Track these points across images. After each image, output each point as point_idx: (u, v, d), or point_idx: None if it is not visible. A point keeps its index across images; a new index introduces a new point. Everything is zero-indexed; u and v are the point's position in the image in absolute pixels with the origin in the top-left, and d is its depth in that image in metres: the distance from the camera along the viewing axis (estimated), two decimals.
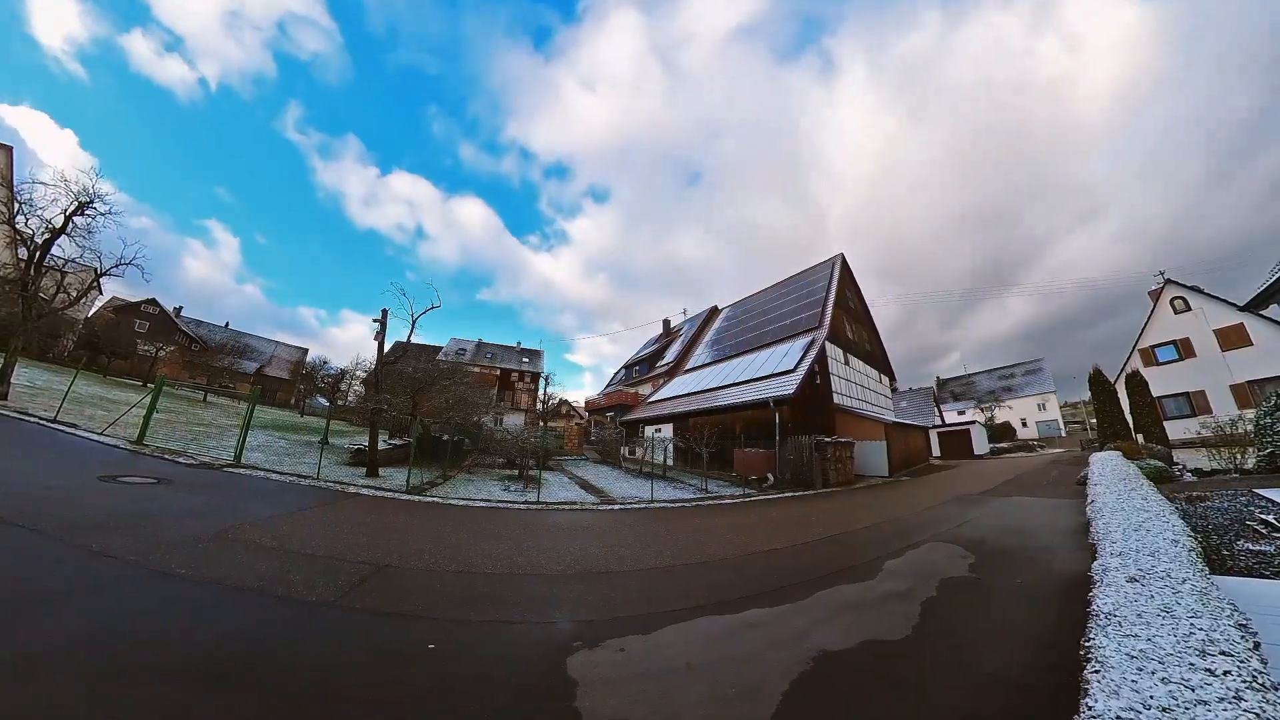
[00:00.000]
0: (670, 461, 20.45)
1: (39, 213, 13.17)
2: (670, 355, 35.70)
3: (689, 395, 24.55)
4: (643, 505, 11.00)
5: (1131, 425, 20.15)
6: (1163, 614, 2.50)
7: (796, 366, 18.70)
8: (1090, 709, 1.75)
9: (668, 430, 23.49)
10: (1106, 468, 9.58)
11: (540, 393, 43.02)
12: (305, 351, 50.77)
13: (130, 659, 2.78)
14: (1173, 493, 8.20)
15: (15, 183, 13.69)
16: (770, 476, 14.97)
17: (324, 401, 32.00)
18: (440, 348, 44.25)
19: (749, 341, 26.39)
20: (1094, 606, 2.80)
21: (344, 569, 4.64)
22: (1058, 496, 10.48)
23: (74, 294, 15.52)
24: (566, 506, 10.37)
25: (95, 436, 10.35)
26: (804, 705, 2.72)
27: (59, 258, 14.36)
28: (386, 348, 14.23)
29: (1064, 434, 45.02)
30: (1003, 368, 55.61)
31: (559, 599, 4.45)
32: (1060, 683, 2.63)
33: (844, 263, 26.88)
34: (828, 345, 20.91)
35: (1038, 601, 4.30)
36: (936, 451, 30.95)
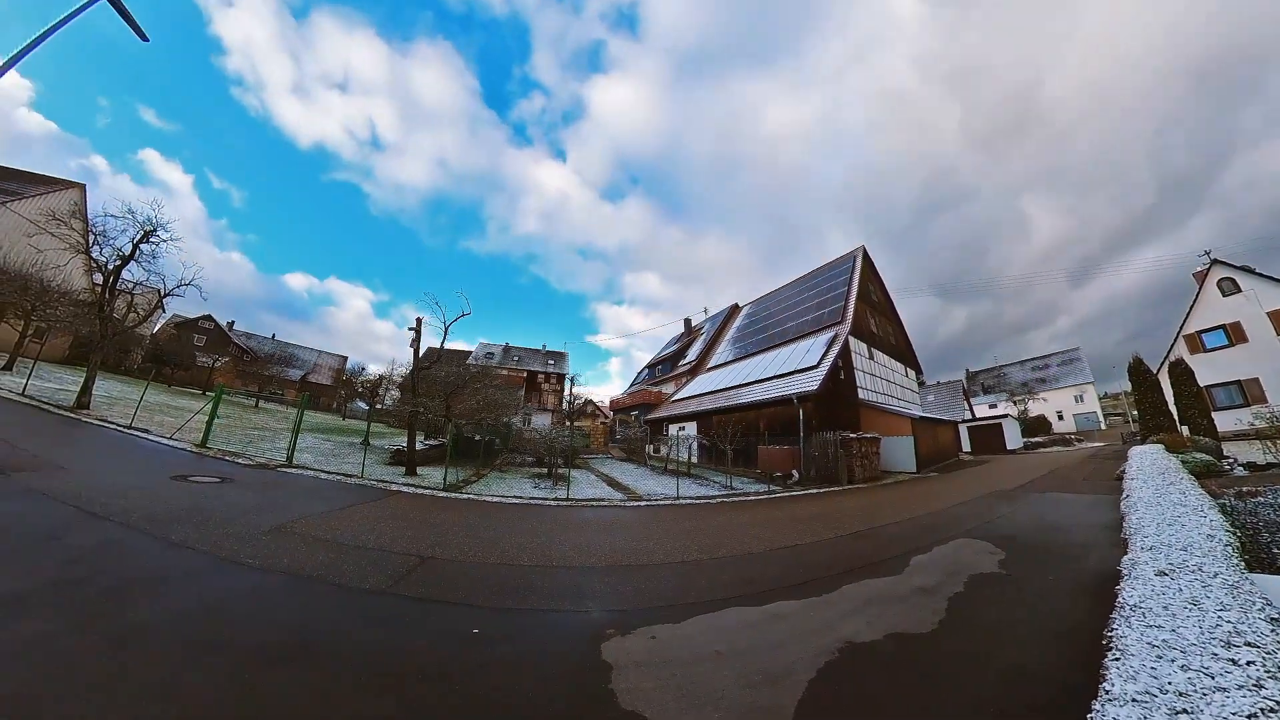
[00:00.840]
0: (695, 459, 20.52)
1: (111, 243, 14.53)
2: (692, 354, 35.68)
3: (712, 393, 24.51)
4: (669, 502, 11.12)
5: (1176, 417, 19.08)
6: (1190, 606, 2.49)
7: (819, 362, 18.48)
8: (1107, 692, 1.79)
9: (691, 428, 23.54)
10: (1145, 461, 9.19)
11: (565, 393, 43.60)
12: (345, 359, 53.08)
13: (216, 635, 3.09)
14: (1220, 488, 7.82)
15: (89, 216, 14.94)
16: (795, 473, 14.86)
17: (363, 405, 33.27)
18: (470, 352, 45.41)
19: (771, 338, 26.16)
20: (1120, 599, 2.79)
21: (392, 560, 4.94)
22: (1095, 492, 10.09)
23: (142, 313, 16.76)
24: (595, 503, 10.59)
25: (165, 441, 11.12)
26: (830, 691, 2.79)
27: (128, 281, 15.66)
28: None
29: (1103, 426, 42.83)
30: (1036, 358, 52.90)
31: (592, 590, 4.63)
32: (1086, 676, 2.64)
33: (866, 255, 26.30)
34: (851, 340, 20.55)
35: (1069, 597, 4.21)
36: (967, 447, 29.98)
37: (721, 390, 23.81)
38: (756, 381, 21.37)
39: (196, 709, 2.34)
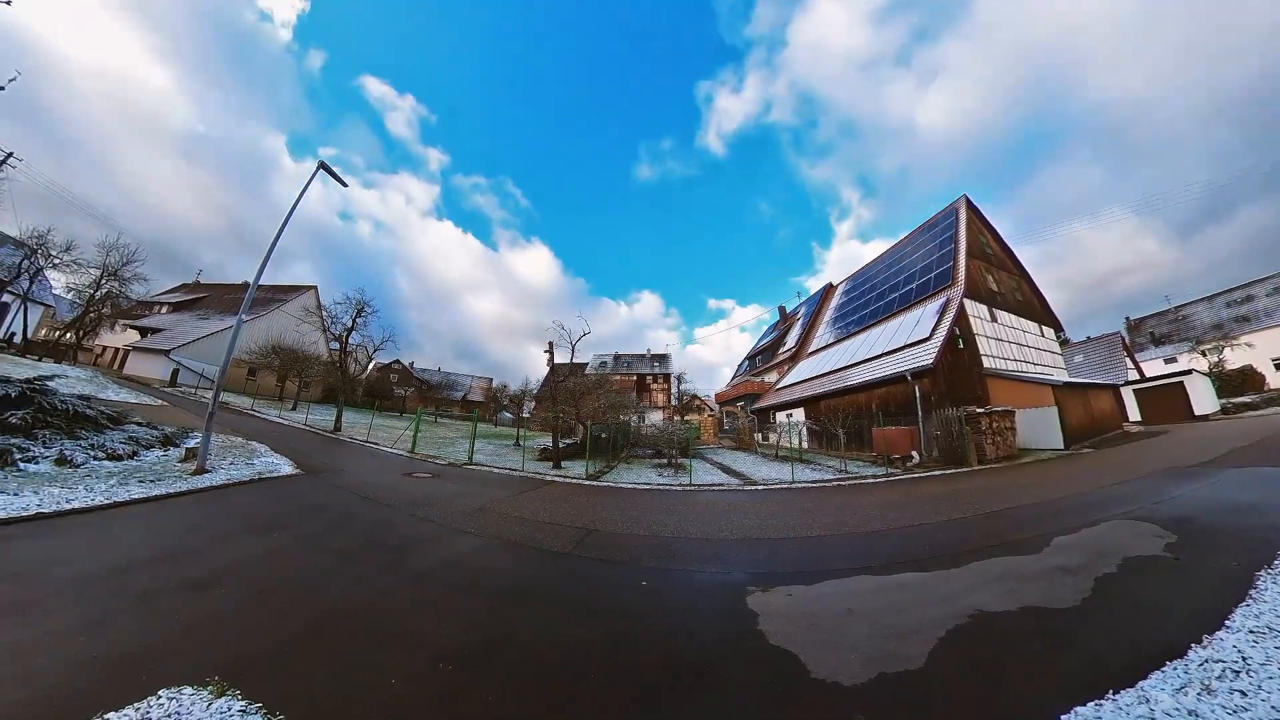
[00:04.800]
0: (805, 445, 19.78)
1: (340, 320, 20.06)
2: (791, 341, 34.18)
3: (817, 378, 23.34)
4: (784, 486, 11.08)
5: None
6: None
7: (932, 333, 16.57)
8: (1228, 624, 1.75)
9: (799, 414, 22.68)
10: None
11: (674, 390, 44.59)
12: (490, 380, 60.92)
13: (468, 579, 4.16)
14: None
15: (324, 305, 20.95)
16: (915, 455, 13.65)
17: (508, 415, 37.82)
18: (586, 364, 48.85)
19: (874, 314, 23.88)
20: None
21: (567, 531, 5.92)
22: None
23: (362, 364, 21.99)
24: (716, 488, 10.99)
25: (389, 449, 14.10)
26: (960, 647, 2.82)
27: (352, 345, 21.41)
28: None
29: None
30: (1233, 289, 36.47)
31: (728, 557, 5.07)
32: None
33: (969, 205, 22.35)
34: (967, 303, 17.72)
35: (1253, 585, 3.40)
36: (1134, 415, 24.23)
37: (827, 374, 22.55)
38: (864, 361, 19.86)
39: (472, 623, 3.29)
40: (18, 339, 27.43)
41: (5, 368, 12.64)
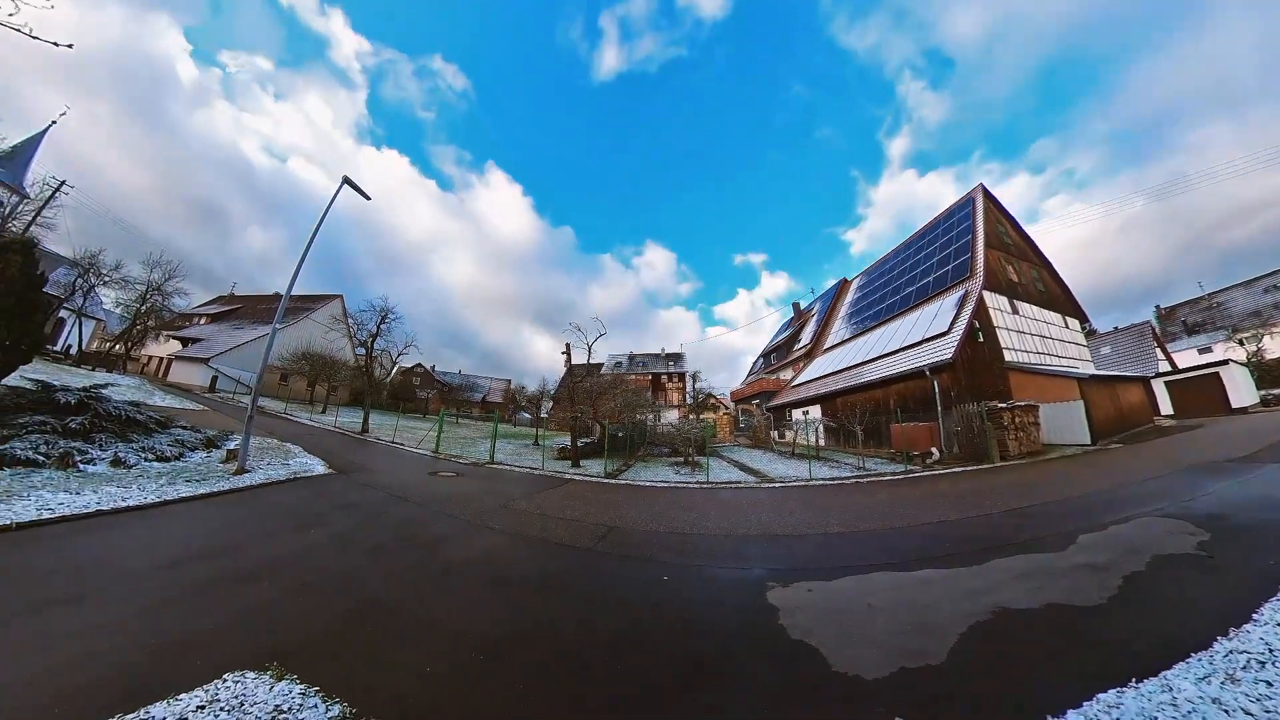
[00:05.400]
0: (822, 442, 19.54)
1: (365, 327, 21.03)
2: (806, 337, 33.78)
3: (833, 374, 23.01)
4: (801, 483, 10.98)
5: None
6: None
7: (951, 327, 16.18)
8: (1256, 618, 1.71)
9: (815, 411, 22.40)
10: None
11: (688, 389, 44.46)
12: (509, 381, 61.75)
13: (494, 571, 4.28)
14: None
15: (349, 313, 22.69)
16: (935, 451, 13.37)
17: (526, 415, 38.33)
18: (601, 364, 49.07)
19: (890, 308, 23.40)
20: None
21: (587, 528, 6.01)
22: None
23: (386, 369, 22.56)
24: (732, 485, 10.96)
25: (413, 449, 14.45)
26: (982, 643, 2.78)
27: (377, 351, 22.34)
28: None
29: None
30: (1274, 273, 33.97)
31: (748, 553, 5.08)
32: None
33: (986, 194, 21.71)
34: (986, 295, 17.26)
35: None
36: (1166, 408, 23.25)
37: (843, 370, 22.21)
38: (881, 357, 19.50)
39: (500, 615, 3.39)
40: (74, 351, 29.62)
41: (65, 377, 13.37)
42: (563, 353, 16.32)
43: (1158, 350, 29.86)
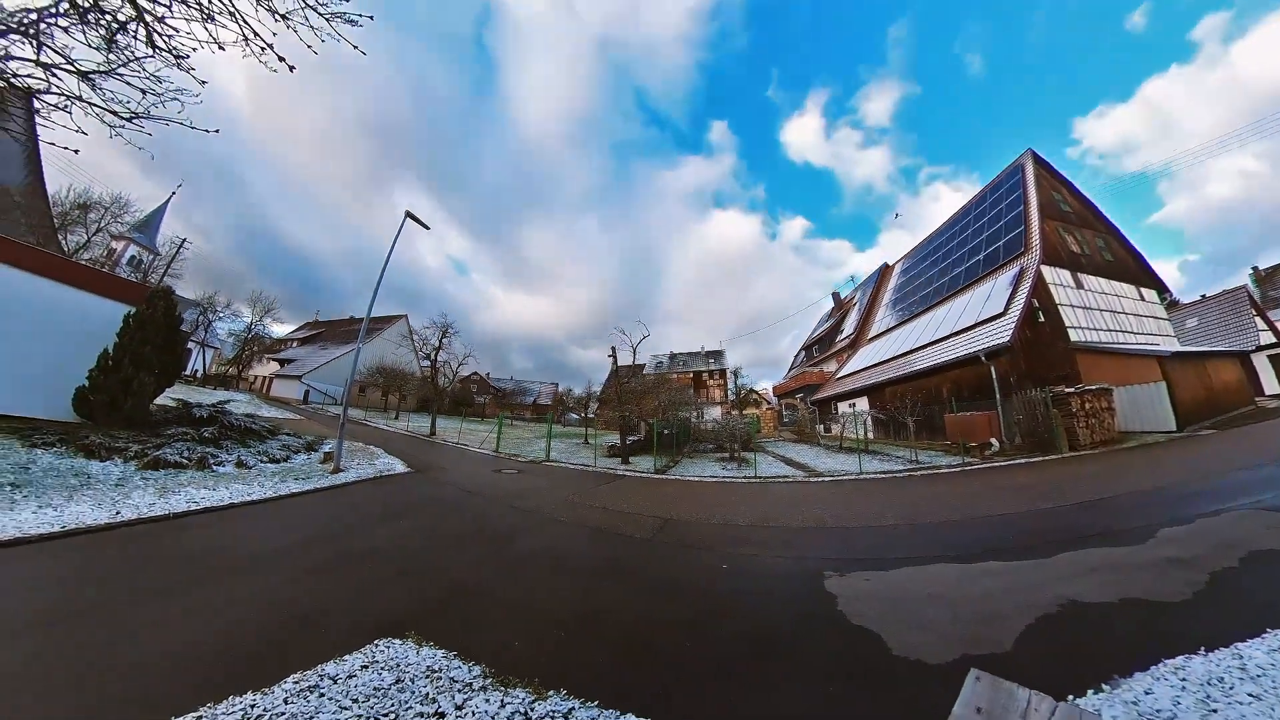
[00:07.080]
0: (870, 435, 18.73)
1: (429, 341, 23.67)
2: (848, 328, 32.35)
3: (880, 364, 21.95)
4: (852, 477, 10.65)
5: None
6: None
7: (1006, 308, 14.91)
8: None
9: (862, 403, 21.48)
10: None
11: (731, 385, 43.93)
12: (557, 385, 63.84)
13: (563, 560, 4.56)
14: None
15: (414, 330, 27.70)
16: (994, 442, 12.48)
17: (574, 416, 39.56)
18: (643, 365, 49.48)
19: (937, 291, 21.84)
20: None
21: (645, 520, 6.22)
22: None
23: (448, 378, 24.41)
24: (780, 479, 10.82)
25: (476, 449, 15.34)
26: (1051, 634, 2.68)
27: (440, 362, 24.47)
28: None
29: None
30: None
31: (803, 544, 5.08)
32: None
33: (1036, 159, 19.60)
34: (1045, 270, 15.58)
35: None
36: (1271, 387, 20.22)
37: (890, 360, 21.13)
38: (931, 343, 18.35)
39: (574, 598, 3.63)
40: (199, 374, 36.24)
41: (196, 396, 15.40)
42: (609, 355, 16.72)
43: (1257, 320, 25.48)
